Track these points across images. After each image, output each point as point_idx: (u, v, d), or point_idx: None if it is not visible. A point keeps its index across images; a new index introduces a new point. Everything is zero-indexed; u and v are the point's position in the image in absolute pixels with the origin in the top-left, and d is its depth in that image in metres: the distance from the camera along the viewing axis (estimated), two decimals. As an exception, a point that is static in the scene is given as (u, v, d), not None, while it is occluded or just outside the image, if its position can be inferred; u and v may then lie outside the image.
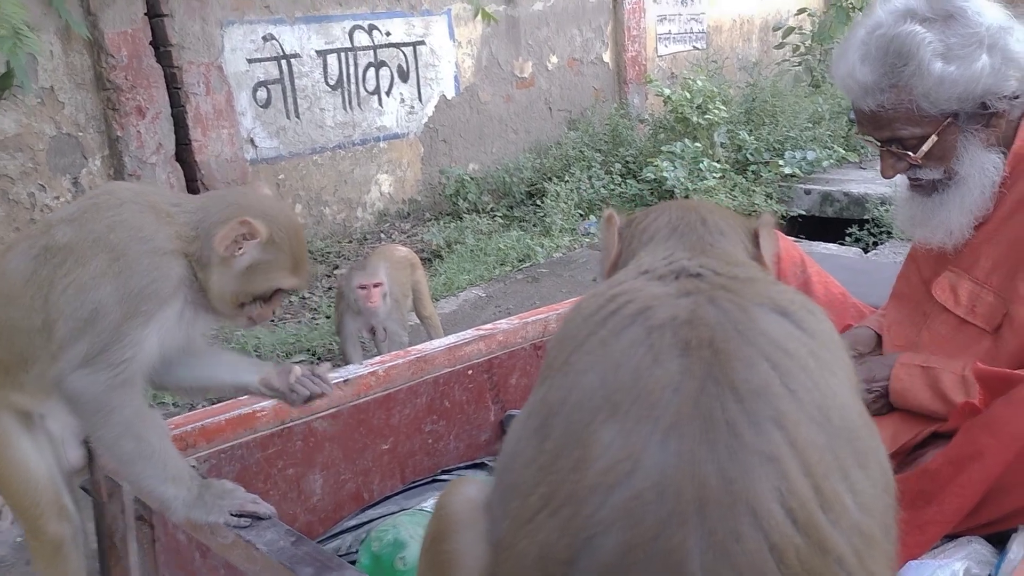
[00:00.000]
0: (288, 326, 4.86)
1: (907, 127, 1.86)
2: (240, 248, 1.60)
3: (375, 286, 3.58)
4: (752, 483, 0.86)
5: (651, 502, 0.86)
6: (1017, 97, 1.85)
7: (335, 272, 5.57)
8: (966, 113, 1.84)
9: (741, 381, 0.91)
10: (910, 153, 1.88)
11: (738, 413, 0.89)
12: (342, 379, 2.19)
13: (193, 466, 1.89)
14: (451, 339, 2.54)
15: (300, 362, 4.36)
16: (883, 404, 1.98)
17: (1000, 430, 1.64)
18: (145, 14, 5.17)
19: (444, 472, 2.46)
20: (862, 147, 7.83)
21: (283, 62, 6.02)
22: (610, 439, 0.90)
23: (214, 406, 2.06)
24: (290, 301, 5.22)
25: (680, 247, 1.19)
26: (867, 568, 0.88)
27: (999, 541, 1.75)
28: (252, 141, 5.89)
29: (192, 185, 5.52)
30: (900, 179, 2.03)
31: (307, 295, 5.38)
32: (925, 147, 1.86)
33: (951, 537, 1.78)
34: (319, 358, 4.42)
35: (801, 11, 9.23)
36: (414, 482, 2.39)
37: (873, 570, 0.89)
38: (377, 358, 2.38)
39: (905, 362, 1.97)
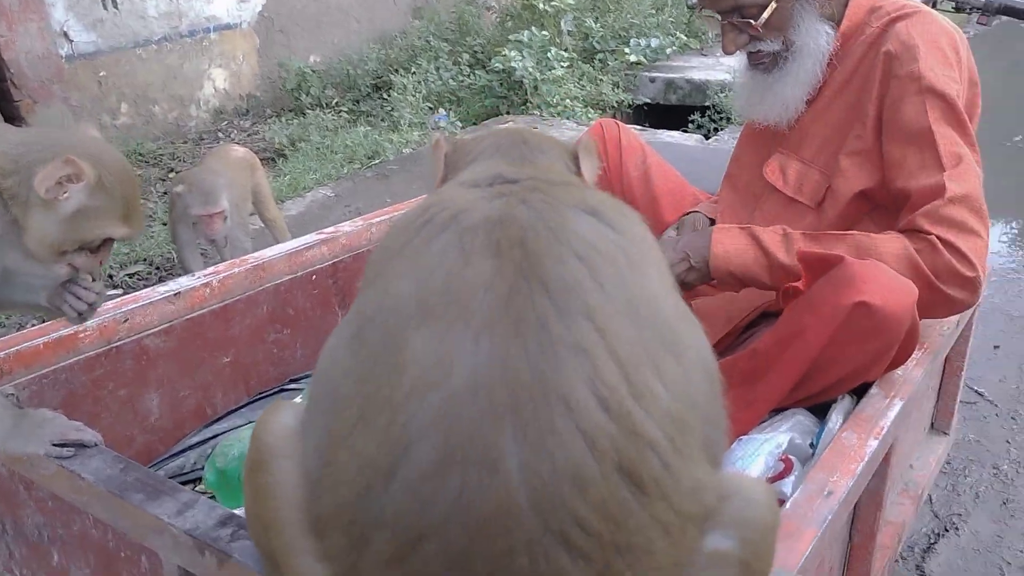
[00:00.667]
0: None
1: None
2: (64, 191, 1.45)
3: (216, 214, 3.37)
4: (563, 375, 0.87)
5: (465, 404, 0.85)
6: None
7: (170, 176, 5.25)
8: None
9: (551, 277, 0.92)
10: (751, 22, 1.94)
11: (548, 308, 0.90)
12: (172, 292, 2.08)
13: (11, 395, 1.77)
14: (292, 244, 2.45)
15: (133, 274, 4.14)
16: (701, 275, 1.97)
17: (819, 308, 1.72)
18: None
19: (292, 381, 2.41)
20: (703, 33, 7.96)
21: (94, -55, 5.47)
22: (423, 344, 0.89)
23: (30, 329, 1.91)
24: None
25: (501, 162, 1.20)
26: (681, 452, 0.91)
27: (821, 412, 1.87)
28: (66, 35, 5.37)
29: (2, 87, 5.02)
30: (740, 64, 2.09)
31: (142, 200, 5.05)
32: (765, 15, 1.92)
33: (777, 411, 1.89)
34: (158, 268, 4.20)
35: None
36: (260, 393, 2.34)
37: (687, 454, 0.92)
38: (211, 268, 2.28)
39: (723, 226, 2.03)
